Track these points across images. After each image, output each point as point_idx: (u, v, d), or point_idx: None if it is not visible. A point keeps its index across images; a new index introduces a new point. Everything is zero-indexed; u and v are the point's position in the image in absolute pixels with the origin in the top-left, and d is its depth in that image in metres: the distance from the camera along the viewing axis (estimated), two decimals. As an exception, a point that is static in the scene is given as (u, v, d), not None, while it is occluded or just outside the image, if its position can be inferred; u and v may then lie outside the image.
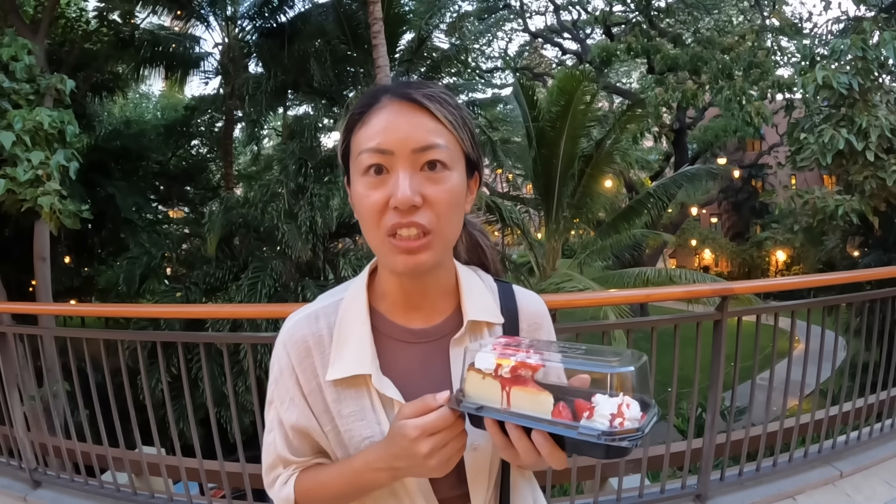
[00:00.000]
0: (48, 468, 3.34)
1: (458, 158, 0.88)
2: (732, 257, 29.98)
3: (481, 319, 0.97)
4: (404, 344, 0.96)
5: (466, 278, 1.00)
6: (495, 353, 0.77)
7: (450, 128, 0.87)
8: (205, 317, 8.64)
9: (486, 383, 0.77)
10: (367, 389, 0.92)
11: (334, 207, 10.38)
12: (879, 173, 8.43)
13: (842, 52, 8.66)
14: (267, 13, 13.69)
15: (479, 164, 0.94)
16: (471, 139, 0.90)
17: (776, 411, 3.88)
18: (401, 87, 0.88)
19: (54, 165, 6.77)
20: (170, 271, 13.25)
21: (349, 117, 0.91)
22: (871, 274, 4.32)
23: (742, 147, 27.35)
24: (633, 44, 13.60)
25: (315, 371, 0.94)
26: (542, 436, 0.72)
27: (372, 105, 0.88)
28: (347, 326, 0.94)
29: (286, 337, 0.96)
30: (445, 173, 0.85)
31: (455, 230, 0.90)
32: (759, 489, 2.98)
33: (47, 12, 9.79)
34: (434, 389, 0.85)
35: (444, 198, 0.85)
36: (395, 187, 0.83)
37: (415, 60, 13.59)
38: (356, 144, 0.88)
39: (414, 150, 0.84)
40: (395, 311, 0.97)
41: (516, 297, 1.03)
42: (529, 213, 12.77)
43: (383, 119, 0.86)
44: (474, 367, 0.79)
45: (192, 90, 48.10)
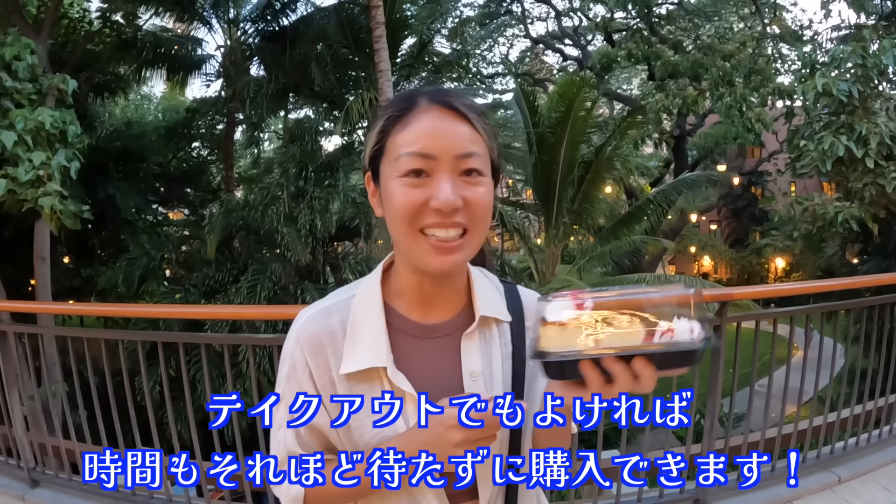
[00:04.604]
0: (46, 468, 3.33)
1: (488, 166, 0.93)
2: (732, 264, 29.94)
3: (491, 315, 1.00)
4: (417, 339, 0.98)
5: (476, 277, 1.03)
6: (569, 300, 0.80)
7: (485, 137, 0.92)
8: (204, 318, 8.63)
9: (567, 332, 0.80)
10: (380, 383, 0.94)
11: (334, 211, 10.40)
12: (879, 180, 8.45)
13: (842, 60, 8.69)
14: (269, 16, 13.70)
15: (499, 172, 0.98)
16: (498, 149, 0.96)
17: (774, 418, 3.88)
18: (440, 95, 0.92)
19: (55, 166, 6.77)
20: (169, 273, 13.24)
21: (385, 119, 0.93)
22: (870, 281, 4.33)
23: (742, 154, 27.35)
24: (633, 50, 13.64)
25: (328, 365, 0.95)
26: (641, 362, 0.77)
27: (410, 109, 0.91)
28: (361, 321, 0.96)
29: (299, 332, 0.98)
30: (480, 179, 0.90)
31: (486, 232, 0.94)
32: (758, 494, 2.97)
33: (50, 12, 9.81)
34: (445, 383, 0.89)
35: (482, 200, 0.89)
36: (438, 190, 0.86)
37: (416, 65, 13.61)
38: (394, 146, 0.90)
39: (456, 156, 0.88)
40: (411, 307, 0.99)
41: (521, 296, 1.07)
42: (529, 218, 12.76)
43: (426, 124, 0.89)
44: (549, 322, 0.81)
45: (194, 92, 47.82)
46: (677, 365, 0.79)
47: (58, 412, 3.66)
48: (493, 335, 1.00)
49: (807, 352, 3.25)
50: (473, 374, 0.96)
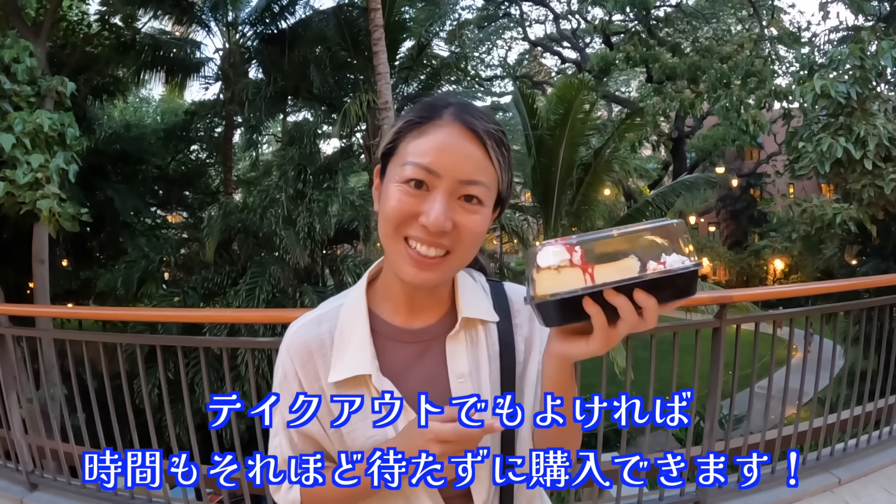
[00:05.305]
0: (45, 471, 3.32)
1: (492, 197, 0.91)
2: (730, 266, 29.94)
3: (475, 317, 0.99)
4: (403, 344, 0.98)
5: (461, 279, 1.03)
6: (559, 245, 0.78)
7: (497, 168, 0.90)
8: (203, 321, 8.61)
9: (562, 274, 0.78)
10: (367, 390, 0.94)
11: (333, 213, 10.39)
12: (877, 182, 8.46)
13: (840, 62, 8.71)
14: (268, 19, 13.71)
15: (506, 203, 0.97)
16: (509, 181, 0.94)
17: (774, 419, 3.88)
18: (464, 112, 0.89)
19: (54, 168, 6.77)
20: (168, 276, 13.21)
21: (404, 121, 0.92)
22: (869, 282, 4.33)
23: (740, 156, 27.43)
24: (631, 53, 13.66)
25: (318, 374, 0.96)
26: (642, 293, 0.75)
27: (431, 119, 0.89)
28: (348, 330, 0.97)
29: (289, 342, 0.99)
30: (478, 207, 0.89)
31: (468, 260, 0.93)
32: (758, 496, 2.97)
33: (49, 15, 9.81)
34: (430, 385, 0.90)
35: (473, 229, 0.88)
36: (431, 208, 0.85)
37: (415, 68, 13.62)
38: (404, 150, 0.89)
39: (460, 180, 0.87)
40: (396, 313, 0.99)
41: (507, 294, 1.05)
42: (528, 220, 12.78)
43: (440, 139, 0.87)
44: (542, 268, 0.79)
45: (193, 95, 48.19)
46: (677, 294, 0.79)
47: (56, 415, 3.66)
48: (480, 336, 1.00)
49: (807, 353, 3.25)
50: (460, 376, 0.96)
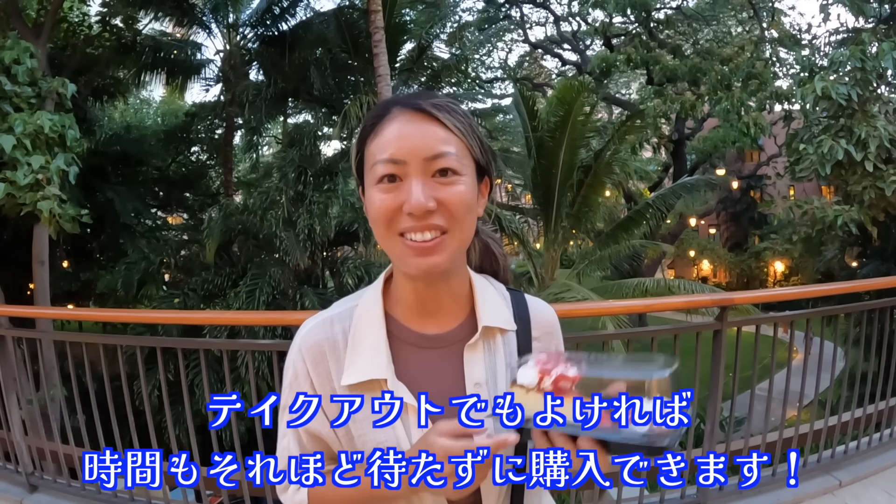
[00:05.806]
0: (45, 472, 3.32)
1: (469, 164, 0.91)
2: (731, 268, 29.97)
3: (494, 325, 0.98)
4: (419, 349, 0.97)
5: (480, 286, 1.02)
6: (537, 367, 0.82)
7: (459, 135, 0.89)
8: (203, 323, 8.59)
9: (529, 397, 0.82)
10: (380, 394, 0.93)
11: (333, 215, 10.40)
12: (878, 183, 8.45)
13: (841, 63, 8.70)
14: (269, 21, 13.72)
15: (489, 169, 0.96)
16: (479, 145, 0.93)
17: (775, 421, 3.87)
18: (410, 98, 0.91)
19: (54, 170, 6.77)
20: (168, 277, 13.21)
21: (361, 129, 0.93)
22: (870, 284, 4.34)
23: (741, 158, 27.43)
24: (632, 55, 13.65)
25: (329, 375, 0.95)
26: (587, 441, 0.78)
27: (383, 116, 0.90)
28: (362, 332, 0.96)
29: (301, 341, 0.98)
30: (456, 178, 0.88)
31: (469, 232, 0.92)
32: (758, 498, 2.97)
33: (50, 16, 9.81)
34: (448, 394, 0.89)
35: (457, 199, 0.87)
36: (409, 194, 0.85)
37: (415, 70, 13.64)
38: (370, 155, 0.90)
39: (425, 158, 0.86)
40: (410, 316, 0.98)
41: (528, 306, 1.05)
42: (528, 222, 12.77)
43: (395, 130, 0.88)
44: (517, 384, 0.84)
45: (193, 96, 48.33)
46: (628, 452, 0.78)
47: (56, 417, 3.66)
48: (498, 345, 0.99)
49: (807, 355, 3.25)
50: (477, 384, 0.96)
